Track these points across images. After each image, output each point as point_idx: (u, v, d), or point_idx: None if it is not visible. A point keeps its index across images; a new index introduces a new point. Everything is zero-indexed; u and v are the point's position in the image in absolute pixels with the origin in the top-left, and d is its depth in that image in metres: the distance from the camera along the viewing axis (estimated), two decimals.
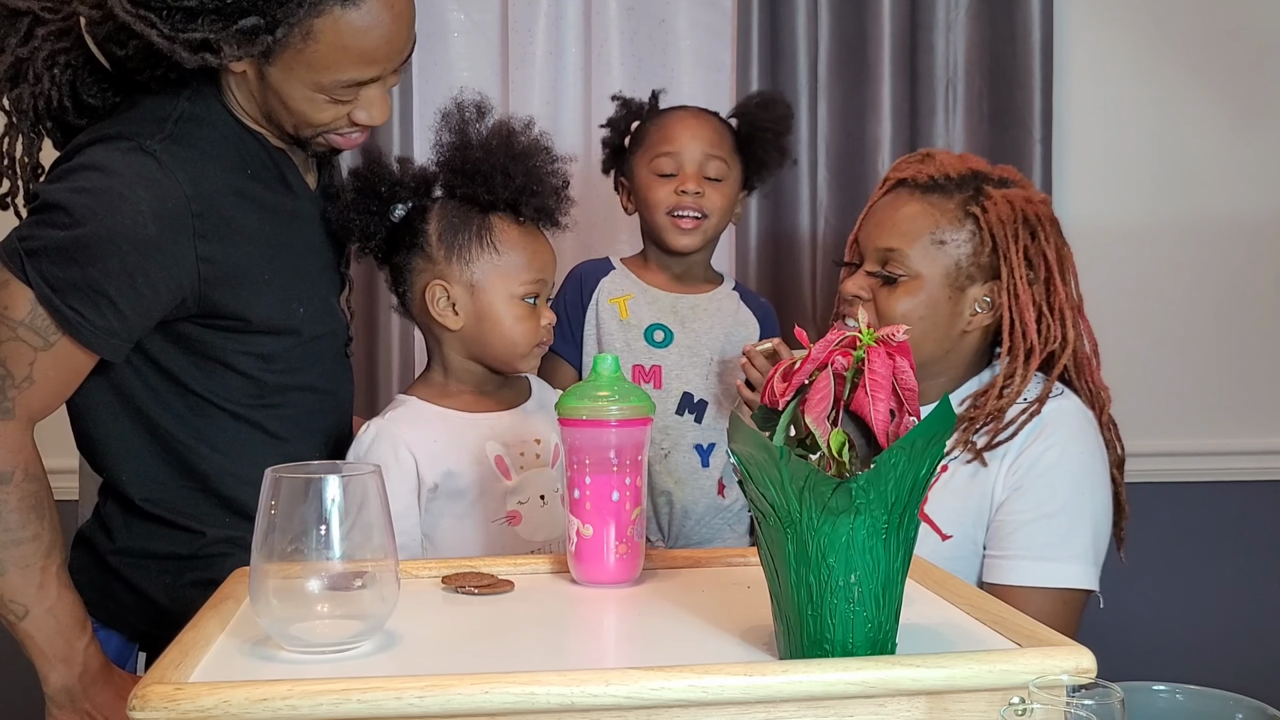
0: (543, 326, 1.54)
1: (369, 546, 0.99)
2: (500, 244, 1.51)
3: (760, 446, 0.91)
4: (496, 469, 1.51)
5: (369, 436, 1.49)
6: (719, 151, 1.78)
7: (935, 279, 1.58)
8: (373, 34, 1.33)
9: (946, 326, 1.59)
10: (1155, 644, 2.37)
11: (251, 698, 0.84)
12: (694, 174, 1.76)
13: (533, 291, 1.52)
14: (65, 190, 1.33)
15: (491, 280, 1.51)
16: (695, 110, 1.84)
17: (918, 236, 1.58)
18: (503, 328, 1.51)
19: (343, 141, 1.45)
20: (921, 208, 1.59)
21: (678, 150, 1.77)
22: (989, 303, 1.60)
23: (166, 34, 1.29)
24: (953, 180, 1.61)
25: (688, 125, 1.79)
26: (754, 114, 1.84)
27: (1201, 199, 2.40)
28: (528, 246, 1.52)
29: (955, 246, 1.58)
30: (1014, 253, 1.57)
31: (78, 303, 1.32)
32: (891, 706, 0.90)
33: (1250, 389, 2.42)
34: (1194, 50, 2.38)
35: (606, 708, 0.86)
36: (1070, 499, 1.54)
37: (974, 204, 1.59)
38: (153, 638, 1.49)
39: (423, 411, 1.53)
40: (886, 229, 1.60)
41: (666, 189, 1.77)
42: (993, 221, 1.57)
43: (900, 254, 1.58)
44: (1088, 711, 0.82)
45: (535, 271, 1.52)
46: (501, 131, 1.52)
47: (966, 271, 1.58)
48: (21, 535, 1.34)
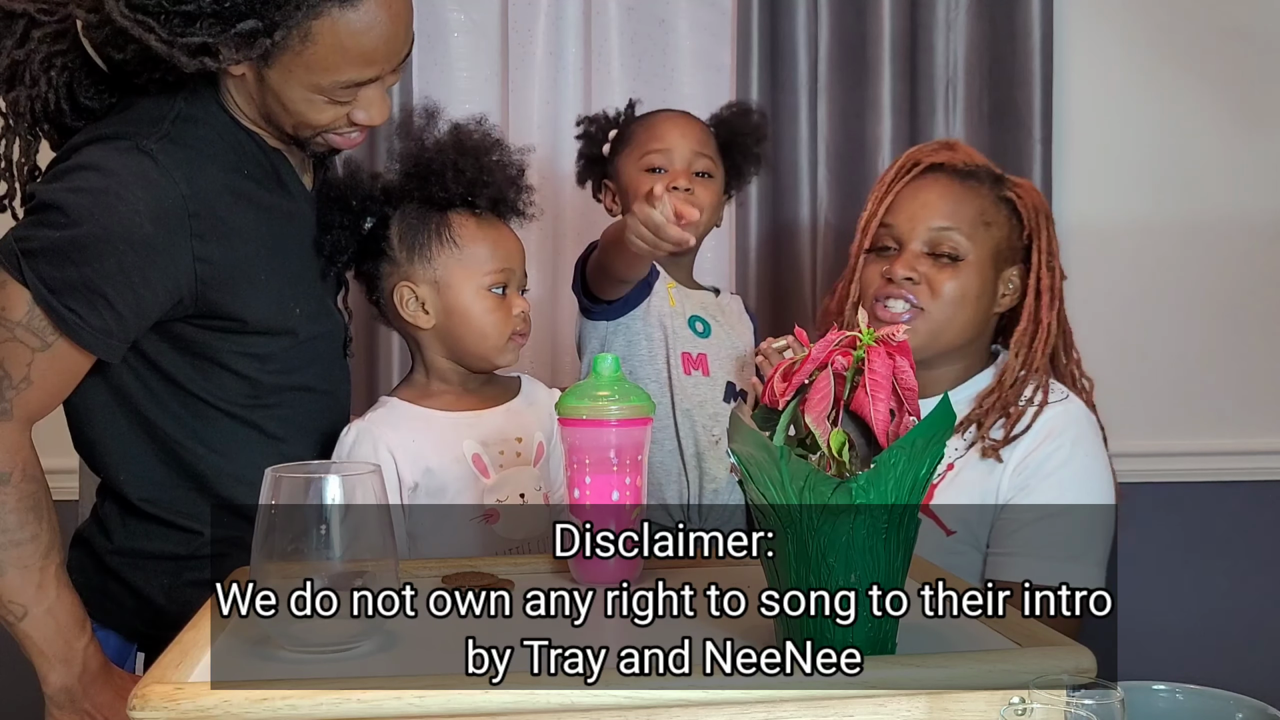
0: (515, 316, 1.54)
1: (369, 546, 0.99)
2: (459, 239, 1.53)
3: (760, 446, 0.91)
4: (474, 467, 1.51)
5: (350, 439, 1.51)
6: (707, 150, 1.80)
7: (985, 259, 1.62)
8: (370, 35, 1.33)
9: (988, 307, 1.64)
10: (1155, 644, 2.37)
11: (252, 697, 0.84)
12: (684, 170, 1.77)
13: (498, 281, 1.53)
14: (62, 190, 1.33)
15: (455, 275, 1.52)
16: (681, 111, 1.87)
17: (969, 217, 1.62)
18: (472, 321, 1.52)
19: (342, 141, 1.45)
20: (965, 190, 1.63)
21: (668, 147, 1.78)
22: (1013, 286, 1.65)
23: (165, 39, 1.28)
24: (982, 168, 1.67)
25: (677, 124, 1.81)
26: (731, 121, 1.86)
27: (1202, 199, 2.39)
28: (487, 238, 1.54)
29: (998, 229, 1.63)
30: (1042, 238, 1.64)
31: (75, 303, 1.31)
32: (892, 706, 0.90)
33: (1250, 389, 2.42)
34: (1194, 50, 2.38)
35: (607, 707, 0.86)
36: (1076, 500, 1.55)
37: (1006, 190, 1.65)
38: (151, 637, 1.49)
39: (403, 411, 1.54)
40: (935, 210, 1.62)
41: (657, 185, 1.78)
42: (1028, 207, 1.65)
43: (956, 234, 1.61)
44: (1088, 711, 0.82)
45: (499, 261, 1.53)
46: (452, 131, 1.54)
47: (1005, 255, 1.64)
48: (20, 536, 1.33)
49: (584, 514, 1.19)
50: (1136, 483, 2.20)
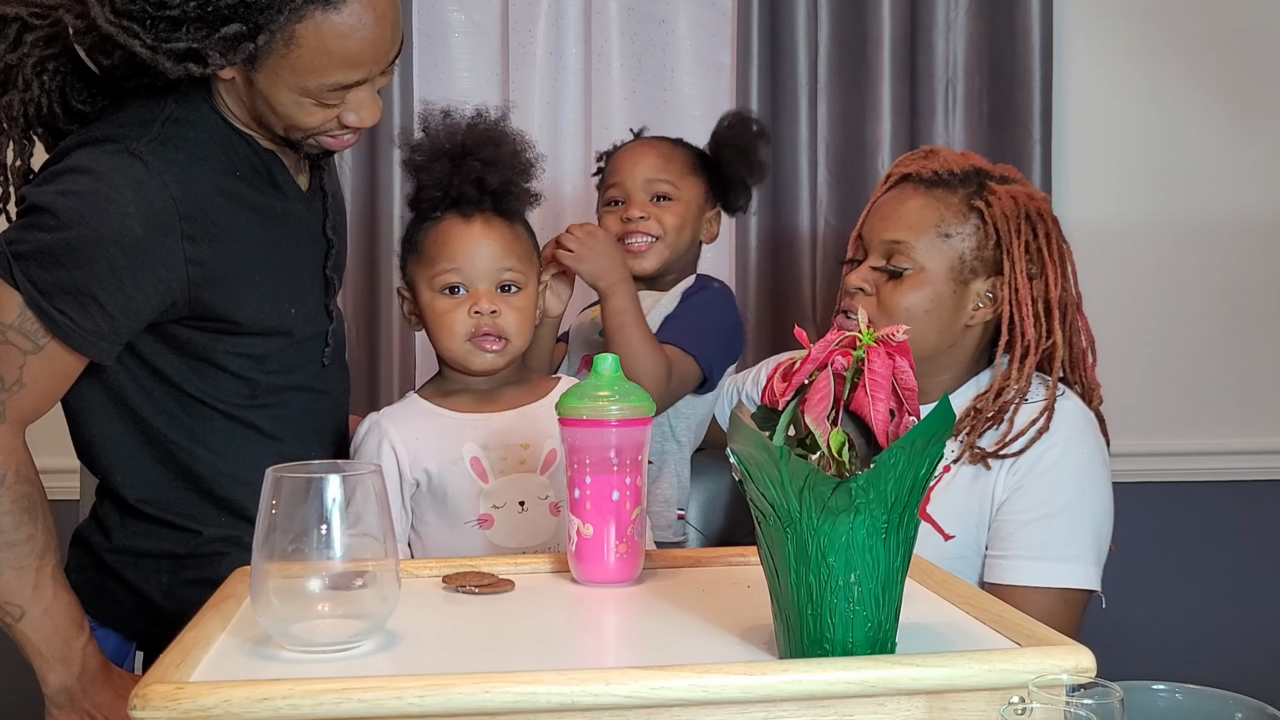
0: (472, 315, 1.49)
1: (370, 546, 0.99)
2: (422, 243, 1.54)
3: (760, 446, 0.91)
4: (472, 470, 1.50)
5: (363, 429, 1.54)
6: (663, 175, 1.82)
7: (940, 272, 1.58)
8: (356, 36, 1.32)
9: (950, 321, 1.59)
10: (1155, 643, 2.37)
11: (252, 697, 0.84)
12: (638, 200, 1.81)
13: (448, 281, 1.51)
14: (52, 193, 1.33)
15: (416, 278, 1.55)
16: (644, 140, 1.90)
17: (923, 230, 1.58)
18: (431, 322, 1.53)
19: (334, 143, 1.44)
20: (926, 201, 1.60)
21: (620, 179, 1.83)
22: (991, 297, 1.60)
23: (150, 44, 1.28)
24: (956, 175, 1.62)
25: (630, 155, 1.85)
26: (721, 134, 1.89)
27: (1201, 199, 2.40)
28: (440, 239, 1.52)
29: (960, 240, 1.58)
30: (1016, 247, 1.58)
31: (66, 305, 1.32)
32: (891, 706, 0.90)
33: (1250, 389, 2.42)
34: (1194, 50, 2.38)
35: (607, 707, 0.86)
36: (1072, 499, 1.55)
37: (978, 198, 1.60)
38: (150, 637, 1.50)
39: (417, 408, 1.55)
40: (891, 222, 1.61)
41: (614, 219, 1.82)
42: (997, 215, 1.58)
43: (906, 246, 1.58)
44: (1087, 711, 0.82)
45: (445, 261, 1.51)
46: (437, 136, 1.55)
47: (970, 265, 1.59)
48: (15, 537, 1.34)
49: (584, 514, 1.19)
50: (1136, 482, 2.20)
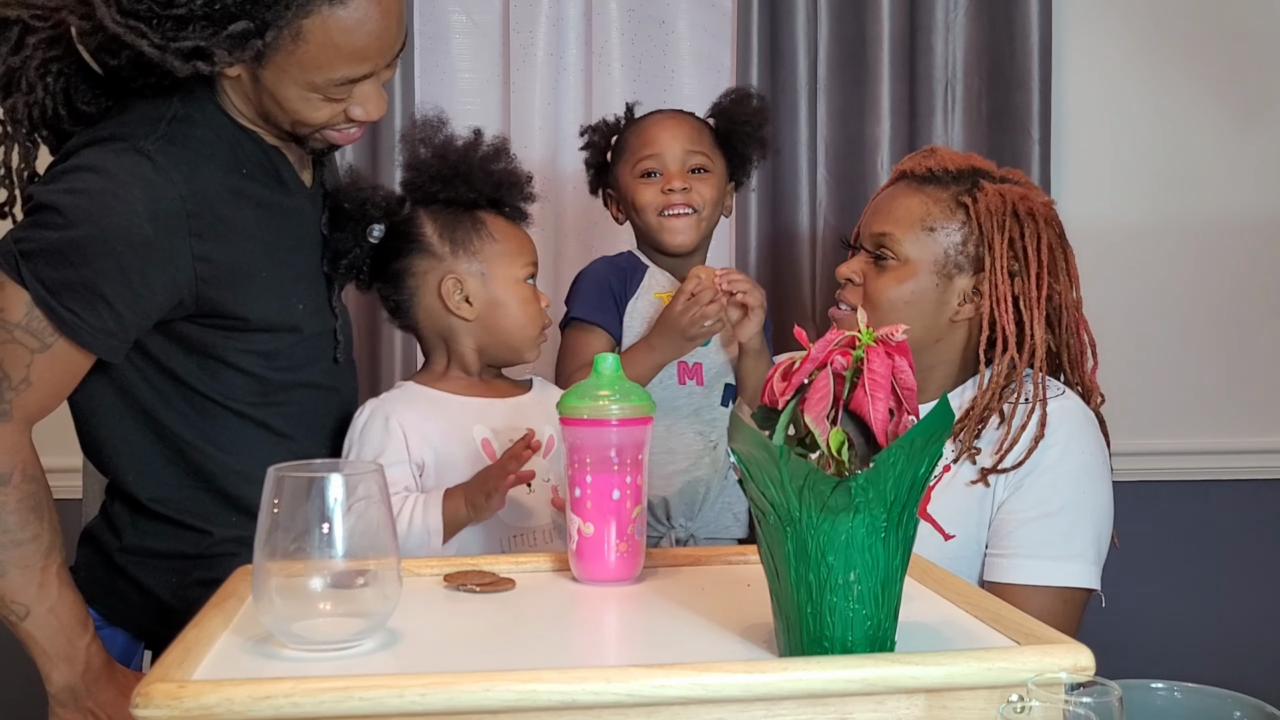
0: (544, 308, 1.62)
1: (371, 545, 0.99)
2: (496, 234, 1.60)
3: (760, 446, 0.91)
4: (483, 452, 1.54)
5: (363, 416, 1.55)
6: (699, 147, 1.80)
7: (924, 265, 1.61)
8: (362, 31, 1.33)
9: (933, 315, 1.62)
10: (1154, 642, 2.37)
11: (254, 695, 0.84)
12: (678, 171, 1.78)
13: (531, 273, 1.62)
14: (59, 192, 1.34)
15: (496, 267, 1.59)
16: (671, 111, 1.87)
17: (910, 223, 1.62)
18: (513, 310, 1.59)
19: (340, 138, 1.46)
20: (917, 197, 1.64)
21: (659, 151, 1.79)
22: (975, 294, 1.62)
23: (157, 44, 1.29)
24: (950, 173, 1.65)
25: (665, 126, 1.82)
26: (729, 109, 1.86)
27: (1201, 199, 2.40)
28: (516, 234, 1.63)
29: (945, 235, 1.62)
30: (999, 244, 1.59)
31: (74, 304, 1.32)
32: (890, 704, 0.90)
33: (1250, 389, 2.42)
34: (1194, 50, 2.38)
35: (607, 705, 0.86)
36: (1071, 498, 1.55)
37: (966, 195, 1.63)
38: (158, 636, 1.49)
39: (417, 393, 1.59)
40: (881, 216, 1.65)
41: (653, 190, 1.79)
42: (981, 211, 1.61)
43: (892, 239, 1.62)
44: (1086, 709, 0.82)
45: (529, 254, 1.63)
46: (466, 139, 1.62)
47: (955, 261, 1.61)
48: (21, 536, 1.34)
49: (585, 513, 1.20)
50: (1136, 481, 2.21)
